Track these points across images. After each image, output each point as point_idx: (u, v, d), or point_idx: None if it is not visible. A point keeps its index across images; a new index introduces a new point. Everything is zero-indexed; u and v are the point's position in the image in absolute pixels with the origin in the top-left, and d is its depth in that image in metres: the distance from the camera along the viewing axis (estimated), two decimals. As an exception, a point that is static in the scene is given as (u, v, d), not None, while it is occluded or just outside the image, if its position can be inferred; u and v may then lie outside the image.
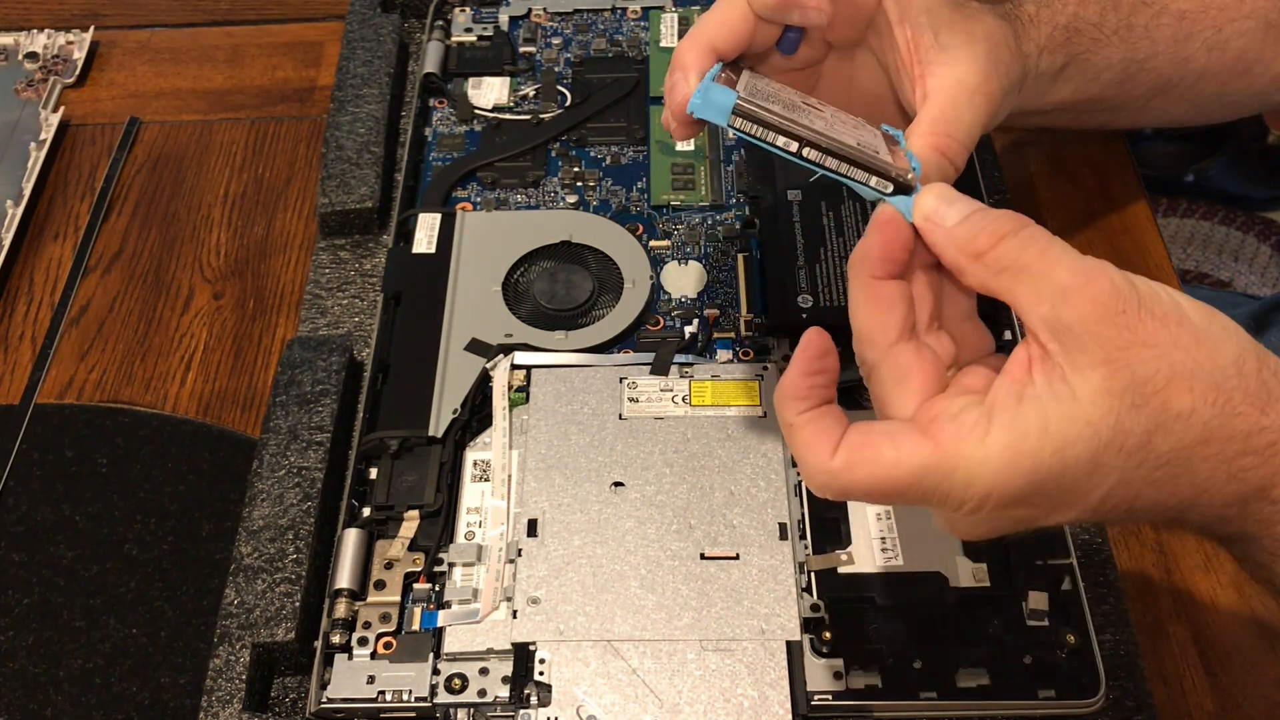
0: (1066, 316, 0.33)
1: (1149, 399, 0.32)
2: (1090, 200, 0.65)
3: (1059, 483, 0.33)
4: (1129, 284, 0.34)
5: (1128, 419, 0.32)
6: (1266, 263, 1.37)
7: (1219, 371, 0.33)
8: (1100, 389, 0.32)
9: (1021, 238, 0.34)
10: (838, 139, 0.38)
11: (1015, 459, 0.33)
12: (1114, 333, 0.33)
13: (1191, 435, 0.33)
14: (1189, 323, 0.34)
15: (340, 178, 0.63)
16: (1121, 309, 0.33)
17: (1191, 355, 0.33)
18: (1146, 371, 0.33)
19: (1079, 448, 0.32)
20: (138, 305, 0.63)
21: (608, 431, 0.51)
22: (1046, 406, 0.33)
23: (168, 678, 0.49)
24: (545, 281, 0.57)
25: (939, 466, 0.33)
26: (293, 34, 0.76)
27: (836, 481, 0.35)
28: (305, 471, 0.51)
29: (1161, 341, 0.33)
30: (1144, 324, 0.33)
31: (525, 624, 0.46)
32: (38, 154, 0.68)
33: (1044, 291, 0.34)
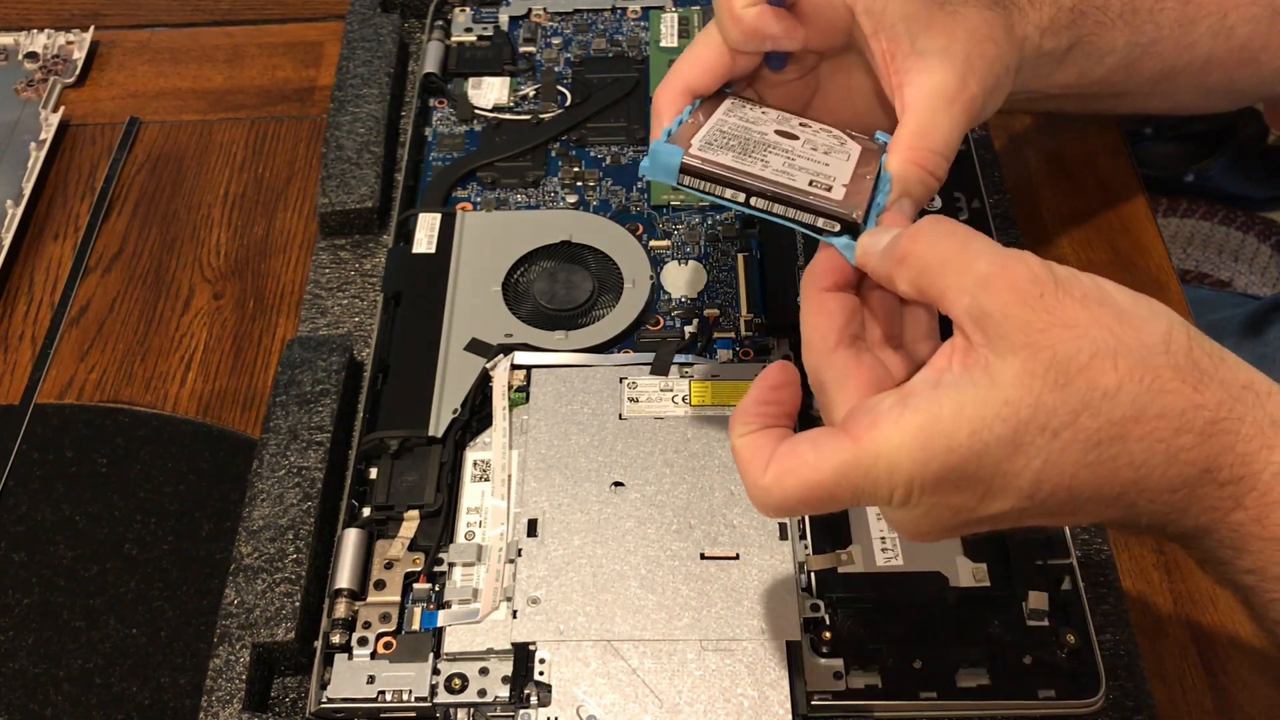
0: (986, 304, 0.33)
1: (1072, 378, 0.32)
2: (1090, 200, 0.65)
3: (980, 464, 0.33)
4: (1047, 269, 0.34)
5: (1050, 398, 0.32)
6: (1266, 263, 1.37)
7: (1145, 349, 0.33)
8: (1021, 371, 0.33)
9: (939, 233, 0.35)
10: (786, 184, 0.38)
11: (930, 440, 0.33)
12: (1033, 315, 0.33)
13: (1120, 412, 0.33)
14: (1112, 303, 0.34)
15: (340, 178, 0.63)
16: (1039, 293, 0.33)
17: (1114, 333, 0.33)
18: (1068, 350, 0.33)
19: (997, 428, 0.32)
20: (138, 305, 0.63)
21: (608, 431, 0.51)
22: (963, 391, 0.33)
23: (168, 678, 0.49)
24: (545, 281, 0.57)
25: (860, 460, 0.34)
26: (293, 34, 0.76)
27: (769, 497, 0.35)
28: (305, 471, 0.51)
29: (1082, 321, 0.33)
30: (1063, 305, 0.33)
31: (525, 624, 0.46)
32: (38, 154, 0.68)
33: (965, 282, 0.34)
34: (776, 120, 0.43)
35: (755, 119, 0.43)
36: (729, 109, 0.43)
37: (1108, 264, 0.62)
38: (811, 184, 0.39)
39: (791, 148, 0.41)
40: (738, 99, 0.44)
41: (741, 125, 0.42)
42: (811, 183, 0.39)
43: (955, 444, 0.33)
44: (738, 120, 0.42)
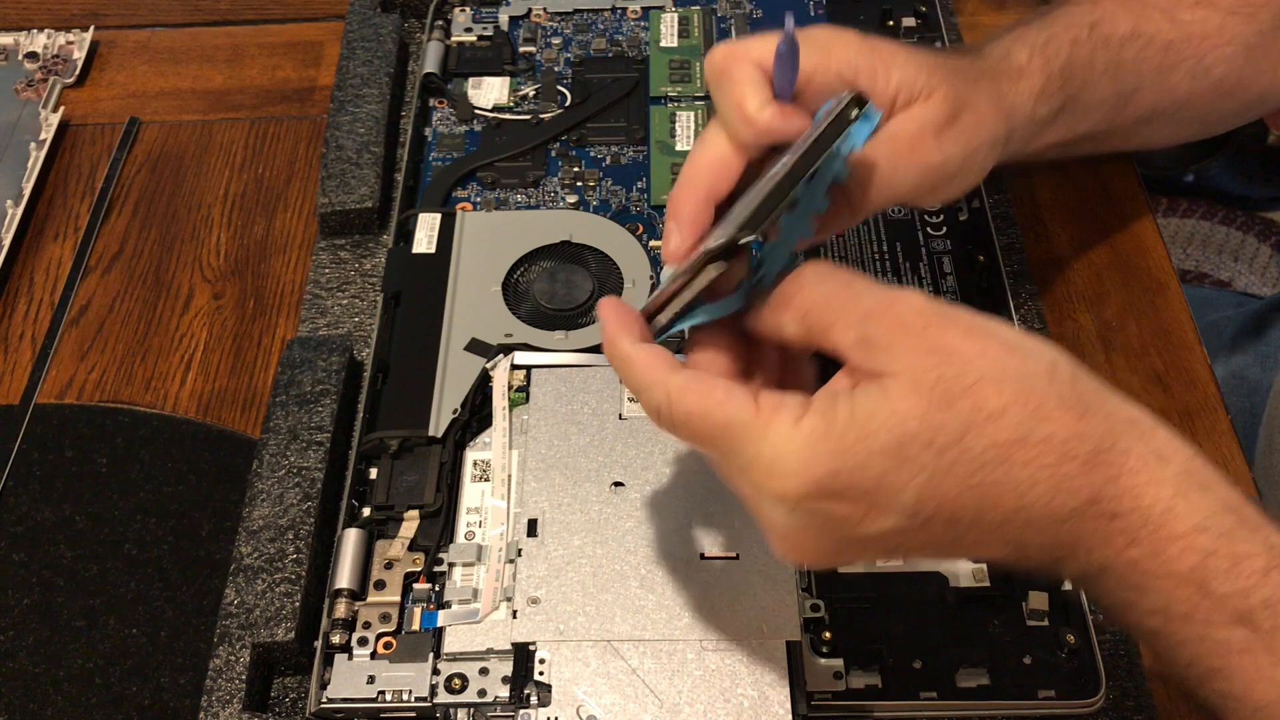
0: (873, 334, 0.34)
1: (958, 397, 0.33)
2: (1090, 200, 0.65)
3: (865, 473, 0.33)
4: (931, 303, 0.35)
5: (937, 415, 0.33)
6: (1266, 263, 1.37)
7: (1029, 376, 0.34)
8: (908, 386, 0.33)
9: (824, 280, 0.36)
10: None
11: (819, 442, 0.33)
12: (918, 342, 0.34)
13: (1004, 435, 0.33)
14: (998, 336, 0.35)
15: (340, 178, 0.63)
16: (924, 324, 0.34)
17: (999, 361, 0.34)
18: (954, 372, 0.33)
19: (883, 436, 0.33)
20: (138, 305, 0.63)
21: (608, 431, 0.51)
22: (856, 400, 0.34)
23: (168, 678, 0.49)
24: (545, 281, 0.57)
25: (751, 428, 0.34)
26: (293, 34, 0.76)
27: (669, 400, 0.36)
28: (305, 471, 0.51)
29: (968, 350, 0.34)
30: (948, 335, 0.34)
31: (525, 624, 0.46)
32: (38, 154, 0.68)
33: (851, 319, 0.35)
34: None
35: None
36: None
37: (1108, 264, 0.62)
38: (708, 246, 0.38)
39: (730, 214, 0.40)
40: None
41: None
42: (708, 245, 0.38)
43: (843, 448, 0.33)
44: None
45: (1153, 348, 0.59)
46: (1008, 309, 0.55)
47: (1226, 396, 0.57)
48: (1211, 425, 0.56)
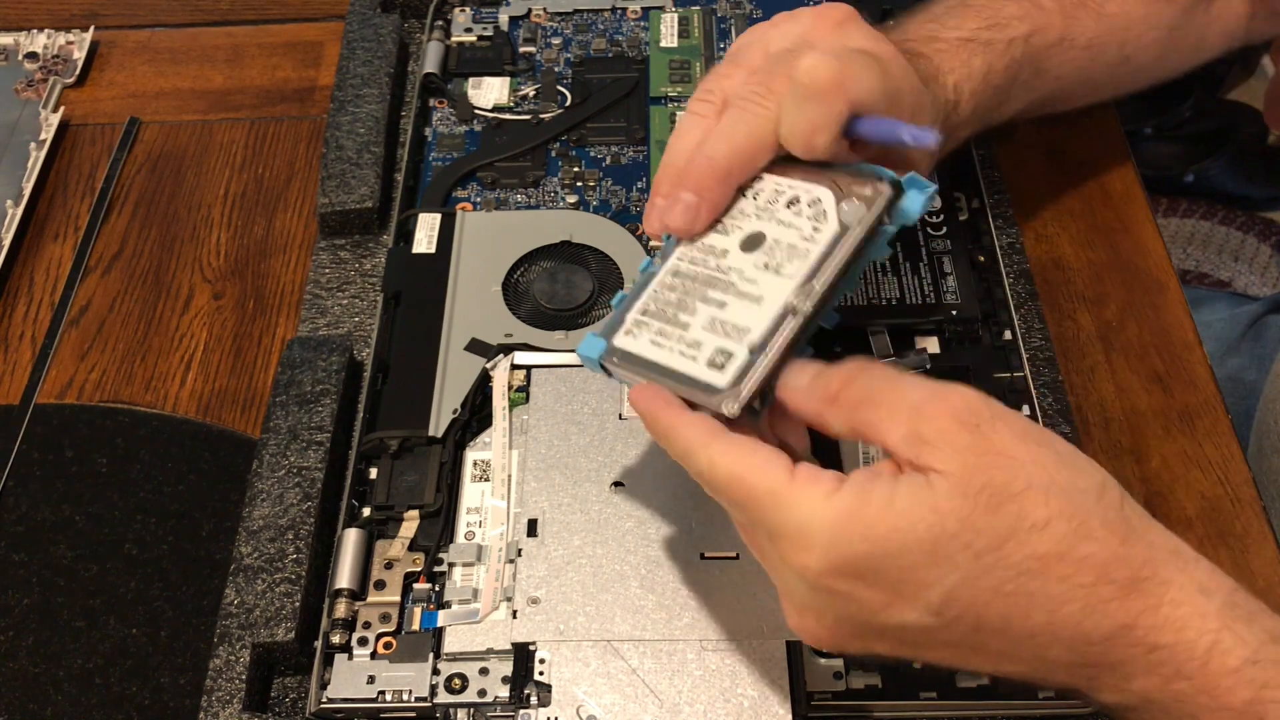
0: (923, 430, 0.34)
1: (1004, 504, 0.33)
2: (1090, 200, 0.65)
3: (894, 563, 0.33)
4: (985, 401, 0.34)
5: (981, 519, 0.32)
6: (1266, 263, 1.37)
7: (1077, 493, 0.33)
8: (955, 486, 0.33)
9: (869, 374, 0.36)
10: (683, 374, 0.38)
11: (851, 523, 0.33)
12: (971, 440, 0.33)
13: (1045, 548, 0.33)
14: (1050, 445, 0.34)
15: (340, 178, 0.63)
16: (976, 422, 0.33)
17: (1050, 472, 0.33)
18: (1003, 477, 0.33)
19: (920, 530, 0.32)
20: (138, 305, 0.63)
21: (608, 431, 0.51)
22: (898, 488, 0.33)
23: (168, 678, 0.49)
24: (545, 281, 0.57)
25: (782, 495, 0.34)
26: (293, 34, 0.76)
27: (710, 465, 0.36)
28: (305, 471, 0.51)
29: (1020, 455, 0.33)
30: (1000, 436, 0.33)
31: (525, 624, 0.46)
32: (38, 154, 0.68)
33: (899, 414, 0.34)
34: (761, 208, 0.41)
35: (733, 218, 0.41)
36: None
37: (1108, 264, 0.62)
38: (712, 360, 0.38)
39: (734, 283, 0.40)
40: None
41: (701, 254, 0.41)
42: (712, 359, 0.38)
43: (874, 533, 0.33)
44: (704, 241, 0.41)
45: (1153, 348, 0.59)
46: (1008, 309, 0.55)
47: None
48: (1211, 425, 0.56)
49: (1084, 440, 0.54)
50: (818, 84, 0.39)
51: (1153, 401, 0.56)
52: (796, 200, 0.40)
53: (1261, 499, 0.53)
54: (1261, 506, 0.53)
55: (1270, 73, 1.59)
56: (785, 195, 0.41)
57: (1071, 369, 0.57)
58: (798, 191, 0.40)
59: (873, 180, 0.39)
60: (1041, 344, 0.56)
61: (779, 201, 0.41)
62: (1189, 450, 0.55)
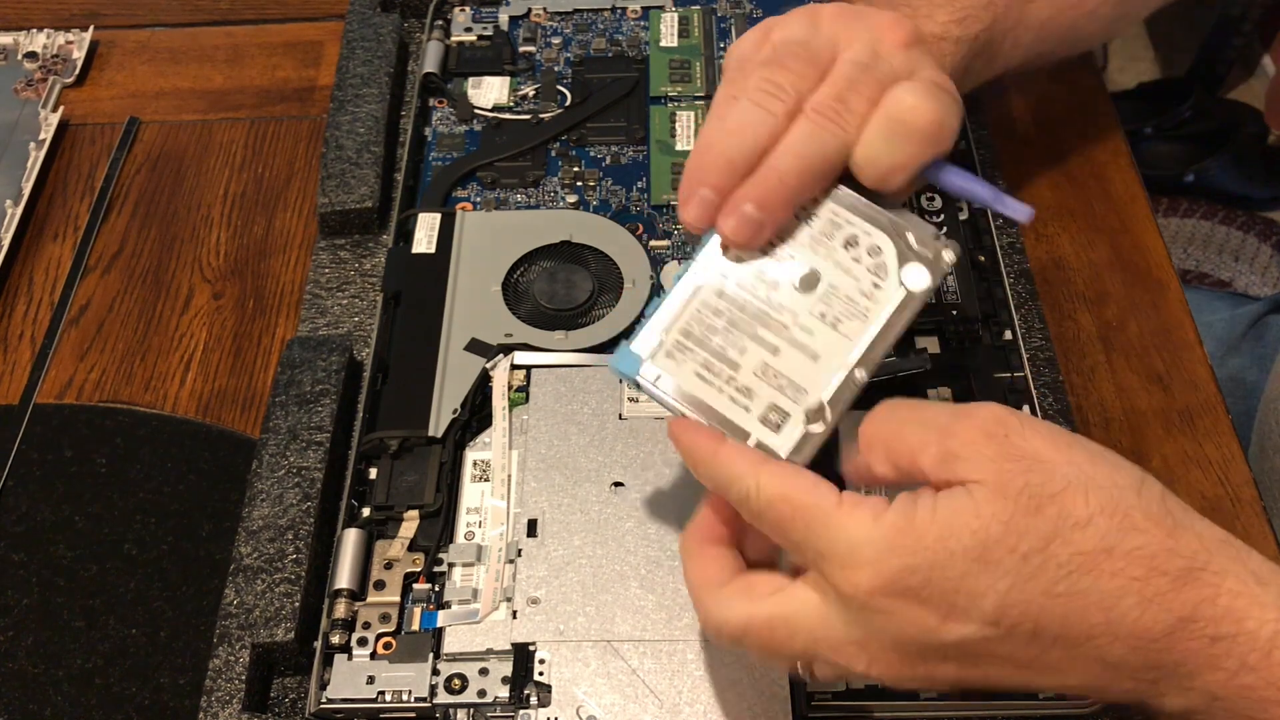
0: (953, 448, 0.34)
1: (1044, 504, 0.32)
2: (1090, 200, 0.65)
3: (945, 573, 0.32)
4: (1009, 412, 0.34)
5: (1022, 521, 0.32)
6: (1267, 263, 1.37)
7: (1117, 489, 0.33)
8: (994, 491, 0.33)
9: (896, 411, 0.36)
10: (732, 421, 0.38)
11: (898, 537, 0.33)
12: (1001, 449, 0.33)
13: (1091, 544, 0.32)
14: (1082, 445, 0.34)
15: (340, 178, 0.63)
16: (1004, 432, 0.33)
17: (1085, 470, 0.33)
18: (1040, 478, 0.33)
19: (965, 538, 0.32)
20: (138, 305, 0.63)
21: (608, 431, 0.51)
22: (939, 500, 0.33)
23: (168, 678, 0.49)
24: (545, 281, 0.57)
25: (832, 516, 0.34)
26: (293, 34, 0.76)
27: (757, 486, 0.36)
28: (305, 471, 0.51)
29: (1054, 457, 0.33)
30: (1030, 442, 0.33)
31: (525, 624, 0.46)
32: (37, 154, 0.68)
33: (929, 439, 0.34)
34: (815, 238, 0.40)
35: (786, 243, 0.40)
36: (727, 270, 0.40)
37: (1108, 264, 0.62)
38: (765, 417, 0.38)
39: (788, 326, 0.39)
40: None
41: (751, 278, 0.39)
42: (766, 416, 0.38)
43: (921, 545, 0.33)
44: (754, 263, 0.39)
45: (1153, 348, 0.59)
46: (1008, 309, 0.55)
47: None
48: (1212, 425, 0.56)
49: (1084, 440, 0.54)
50: (918, 125, 0.38)
51: (1153, 401, 0.56)
52: (855, 241, 0.39)
53: (1262, 499, 0.53)
54: (1262, 506, 0.53)
55: (1270, 73, 1.59)
56: (843, 231, 0.40)
57: (1071, 369, 0.57)
58: (856, 230, 0.40)
59: (933, 241, 0.39)
60: (1041, 344, 0.56)
61: (836, 237, 0.40)
62: (1189, 450, 0.55)
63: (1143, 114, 1.48)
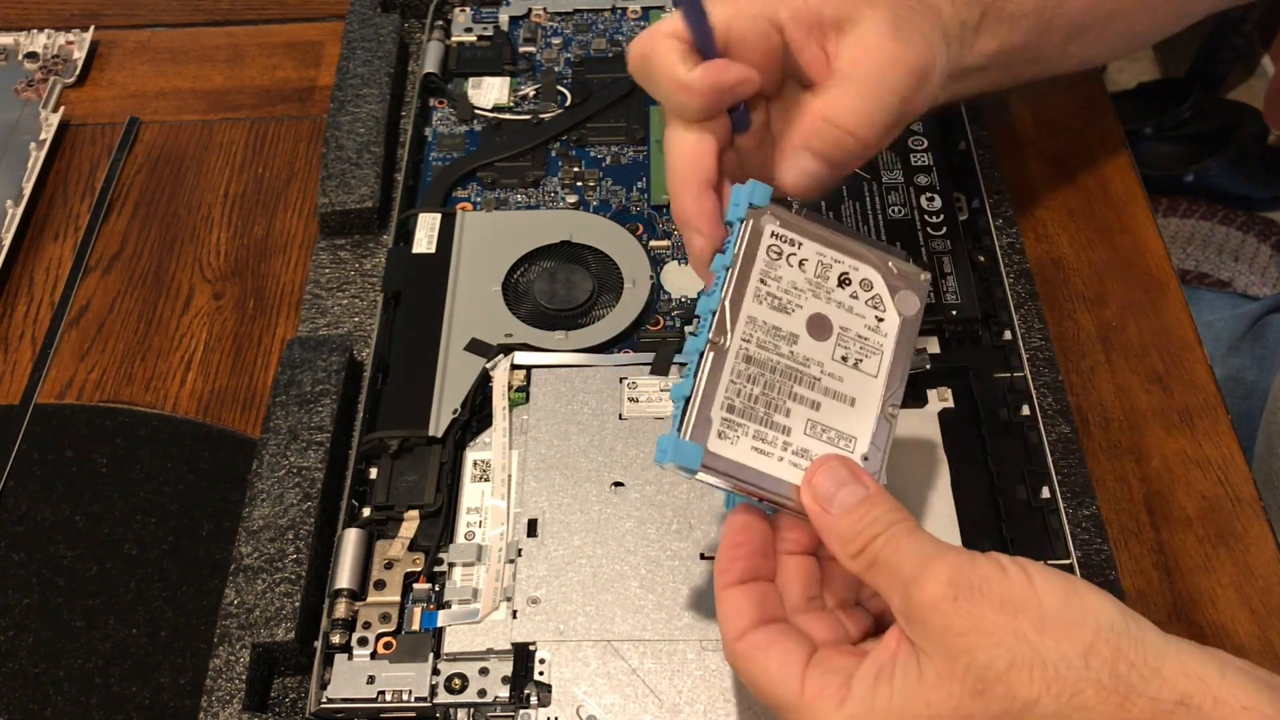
0: (912, 605, 0.34)
1: (990, 685, 0.32)
2: (1090, 200, 0.65)
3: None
4: (969, 569, 0.34)
5: (970, 704, 0.33)
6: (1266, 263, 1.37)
7: (1063, 662, 0.32)
8: (942, 673, 0.33)
9: (885, 536, 0.36)
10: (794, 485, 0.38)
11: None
12: (951, 620, 0.33)
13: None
14: (1033, 609, 0.33)
15: (340, 178, 0.63)
16: (954, 595, 0.33)
17: (1031, 643, 0.33)
18: (986, 659, 0.33)
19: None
20: (138, 305, 0.63)
21: (608, 431, 0.51)
22: (896, 685, 0.34)
23: (168, 678, 0.49)
24: (545, 281, 0.57)
25: (799, 712, 0.35)
26: (293, 34, 0.76)
27: (733, 657, 0.37)
28: (305, 471, 0.51)
29: (999, 630, 0.33)
30: (978, 610, 0.33)
31: (525, 624, 0.46)
32: (38, 154, 0.68)
33: (895, 584, 0.35)
34: (813, 282, 0.40)
35: (789, 293, 0.40)
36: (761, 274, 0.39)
37: (1108, 264, 0.62)
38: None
39: (819, 375, 0.39)
40: (775, 233, 0.40)
41: (770, 338, 0.39)
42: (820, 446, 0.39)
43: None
44: (767, 322, 0.39)
45: (1153, 348, 0.59)
46: (1008, 309, 0.55)
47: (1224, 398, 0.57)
48: (1211, 425, 0.56)
49: (1084, 440, 0.54)
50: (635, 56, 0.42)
51: (1153, 401, 0.56)
52: (848, 279, 0.40)
53: (1262, 499, 0.53)
54: (1262, 507, 0.53)
55: (1270, 73, 1.59)
56: (834, 270, 0.40)
57: (1071, 369, 0.57)
58: (845, 268, 0.40)
59: (907, 264, 0.41)
60: (1041, 344, 0.56)
61: (830, 278, 0.40)
62: (1189, 450, 0.55)
63: (1143, 114, 1.48)
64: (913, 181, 0.60)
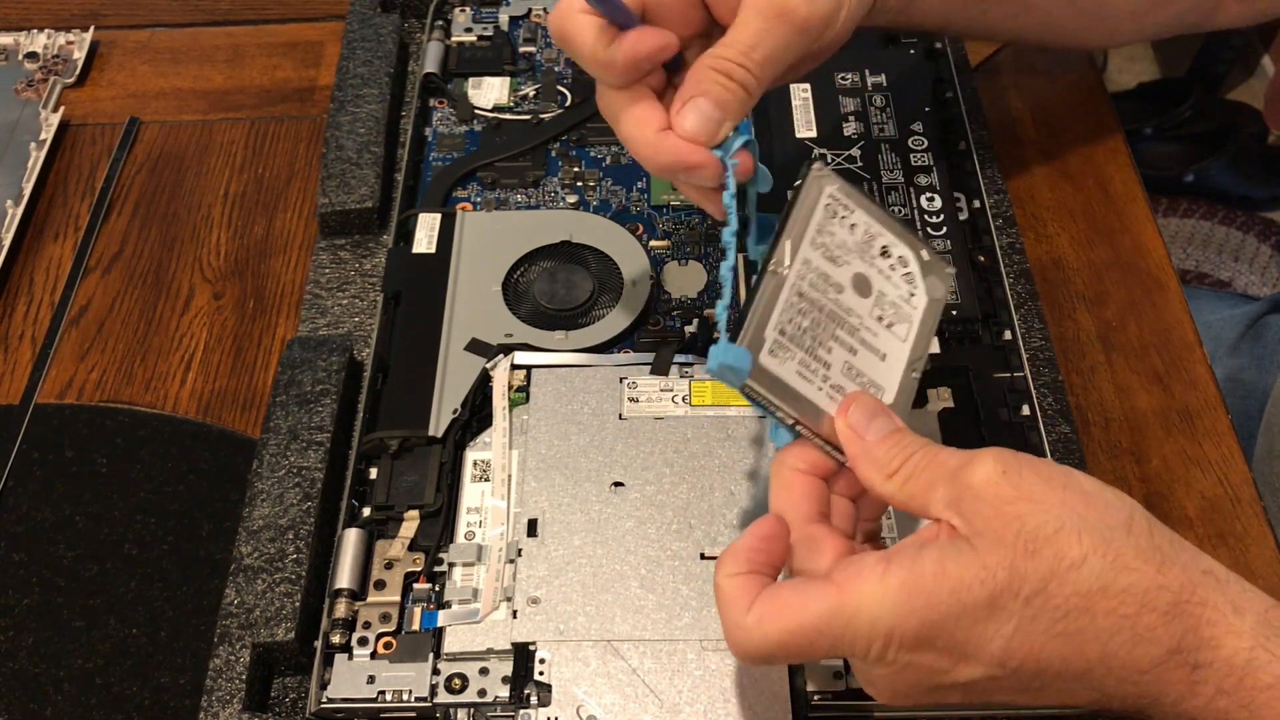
0: (959, 491, 0.36)
1: (1041, 546, 0.34)
2: (1090, 200, 0.65)
3: (958, 624, 0.34)
4: (1012, 455, 0.36)
5: (1023, 565, 0.34)
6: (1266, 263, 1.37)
7: (1108, 528, 0.35)
8: (994, 540, 0.34)
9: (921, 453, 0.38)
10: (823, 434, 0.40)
11: (912, 596, 0.34)
12: (1001, 492, 0.35)
13: (1086, 584, 0.34)
14: (1076, 486, 0.36)
15: (340, 178, 0.63)
16: (1004, 470, 0.35)
17: (1078, 511, 0.35)
18: (1036, 522, 0.34)
19: (975, 590, 0.34)
20: (138, 305, 0.63)
21: (608, 431, 0.51)
22: (945, 553, 0.35)
23: (168, 678, 0.49)
24: (545, 281, 0.57)
25: (843, 609, 0.35)
26: (293, 34, 0.76)
27: (749, 637, 0.36)
28: (305, 471, 0.51)
29: (1048, 499, 0.35)
30: (1028, 482, 0.35)
31: (525, 624, 0.46)
32: (38, 154, 0.68)
33: (939, 478, 0.36)
34: (860, 245, 0.42)
35: (840, 249, 0.42)
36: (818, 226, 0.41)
37: (1108, 264, 0.62)
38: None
39: (859, 324, 0.41)
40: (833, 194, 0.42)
41: (820, 281, 0.41)
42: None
43: (936, 600, 0.34)
44: (819, 267, 0.41)
45: (1153, 348, 0.59)
46: (1008, 309, 0.55)
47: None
48: (1211, 425, 0.56)
49: (1084, 440, 0.54)
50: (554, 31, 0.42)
51: (1153, 401, 0.57)
52: (888, 252, 0.43)
53: (1262, 499, 0.53)
54: (1262, 507, 0.53)
55: (1270, 73, 1.59)
56: (878, 241, 0.43)
57: (1071, 369, 0.57)
58: (887, 242, 0.43)
59: (936, 255, 0.44)
60: (1041, 344, 0.56)
61: (874, 246, 0.43)
62: (1189, 450, 0.55)
63: (1143, 114, 1.48)
64: (913, 181, 0.60)
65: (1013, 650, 0.34)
